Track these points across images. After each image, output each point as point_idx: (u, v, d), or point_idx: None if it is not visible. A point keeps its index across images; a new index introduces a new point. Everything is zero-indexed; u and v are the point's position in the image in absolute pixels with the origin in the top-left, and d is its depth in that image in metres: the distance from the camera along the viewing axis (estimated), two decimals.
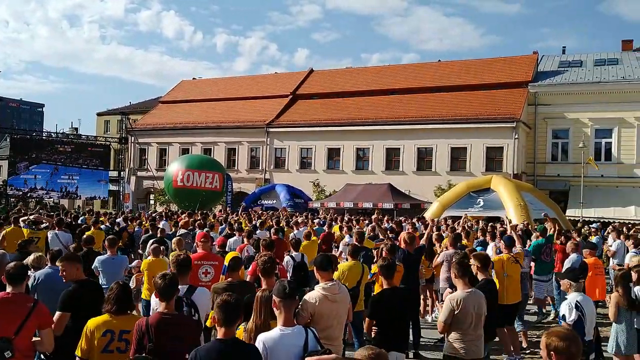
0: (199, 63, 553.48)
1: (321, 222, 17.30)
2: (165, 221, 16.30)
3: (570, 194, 29.57)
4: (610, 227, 17.37)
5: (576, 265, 9.23)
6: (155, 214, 21.31)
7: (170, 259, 8.77)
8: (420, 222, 17.51)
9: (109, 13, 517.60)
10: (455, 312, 5.54)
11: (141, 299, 8.49)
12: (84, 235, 10.10)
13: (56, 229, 12.27)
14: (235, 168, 38.00)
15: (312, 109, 37.61)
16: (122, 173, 40.24)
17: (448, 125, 31.53)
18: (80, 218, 17.90)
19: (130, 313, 4.59)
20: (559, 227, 13.31)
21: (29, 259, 6.74)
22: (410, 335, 7.65)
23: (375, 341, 5.67)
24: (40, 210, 19.44)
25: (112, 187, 40.61)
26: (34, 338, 4.70)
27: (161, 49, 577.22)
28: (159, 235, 11.83)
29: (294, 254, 9.19)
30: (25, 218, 13.01)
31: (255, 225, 14.50)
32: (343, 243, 12.02)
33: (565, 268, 8.78)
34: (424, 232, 12.99)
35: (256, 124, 37.48)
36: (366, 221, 17.70)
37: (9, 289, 4.72)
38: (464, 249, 9.30)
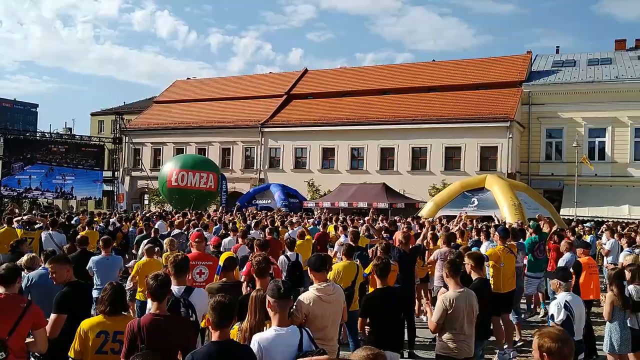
0: (193, 63, 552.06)
1: (316, 222, 17.29)
2: (161, 221, 16.26)
3: (564, 193, 29.73)
4: (604, 226, 17.43)
5: (570, 264, 9.25)
6: (149, 214, 21.22)
7: (163, 259, 8.79)
8: (415, 222, 17.51)
9: (103, 13, 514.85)
10: (448, 312, 5.55)
11: (136, 299, 8.47)
12: (78, 236, 10.07)
13: (50, 229, 12.19)
14: (230, 168, 37.96)
15: (307, 109, 37.61)
16: (116, 173, 40.13)
17: (442, 125, 31.61)
18: (75, 218, 17.81)
19: (124, 314, 4.57)
20: (554, 226, 13.32)
21: (23, 260, 6.72)
22: (405, 335, 7.64)
23: (369, 341, 5.66)
24: (34, 211, 19.39)
25: (106, 187, 40.52)
26: (28, 339, 4.68)
27: (155, 49, 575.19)
28: (153, 235, 11.82)
29: (288, 253, 9.16)
30: (19, 218, 12.93)
31: (249, 225, 14.48)
32: (338, 243, 12.00)
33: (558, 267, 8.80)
34: (418, 232, 13.04)
35: (251, 124, 37.47)
36: (360, 221, 17.69)
37: (1, 290, 4.70)
38: (458, 248, 9.31)
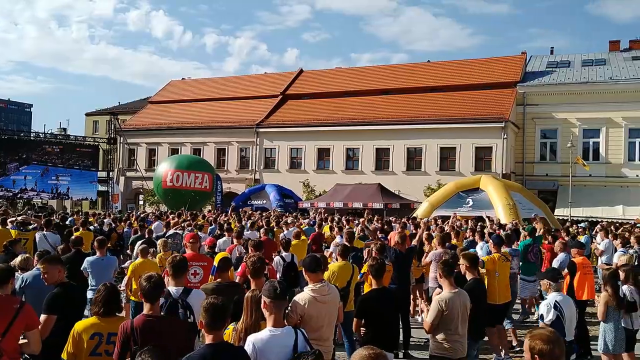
0: (189, 63, 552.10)
1: (311, 222, 17.27)
2: (159, 222, 16.21)
3: (559, 194, 29.82)
4: (598, 227, 17.47)
5: (564, 264, 9.27)
6: (144, 214, 21.16)
7: (157, 260, 8.77)
8: (410, 222, 17.50)
9: (97, 13, 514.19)
10: (444, 313, 5.55)
11: (130, 300, 8.43)
12: (73, 237, 10.02)
13: (44, 230, 12.13)
14: (225, 168, 37.90)
15: (302, 109, 37.59)
16: (111, 173, 40.01)
17: (437, 126, 31.64)
18: (69, 219, 17.73)
19: (118, 315, 4.55)
20: (547, 227, 13.36)
21: (16, 261, 6.68)
22: (400, 335, 7.64)
23: (364, 341, 5.65)
24: (28, 211, 19.29)
25: (101, 188, 40.41)
26: (21, 340, 4.65)
27: (150, 49, 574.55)
28: (147, 235, 11.79)
29: (284, 254, 9.14)
30: (13, 219, 12.87)
31: (243, 225, 14.45)
32: (334, 243, 11.98)
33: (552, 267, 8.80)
34: (413, 232, 13.03)
35: (246, 124, 37.41)
36: (355, 221, 17.68)
37: None
38: (453, 249, 9.32)
